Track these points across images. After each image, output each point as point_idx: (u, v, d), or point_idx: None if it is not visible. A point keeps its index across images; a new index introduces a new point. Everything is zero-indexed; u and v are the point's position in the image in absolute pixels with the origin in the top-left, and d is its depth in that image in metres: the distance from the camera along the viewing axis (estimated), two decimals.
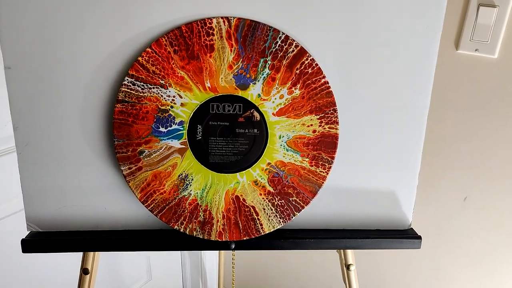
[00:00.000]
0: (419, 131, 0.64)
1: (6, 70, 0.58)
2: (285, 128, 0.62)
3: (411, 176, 0.67)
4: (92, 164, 0.62)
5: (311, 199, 0.64)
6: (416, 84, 0.62)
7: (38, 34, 0.57)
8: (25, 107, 0.60)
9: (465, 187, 1.00)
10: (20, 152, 0.62)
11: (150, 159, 0.61)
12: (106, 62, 0.59)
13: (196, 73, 0.59)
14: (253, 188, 0.63)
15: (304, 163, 0.63)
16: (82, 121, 0.61)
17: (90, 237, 0.64)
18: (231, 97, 0.60)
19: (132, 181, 0.62)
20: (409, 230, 0.69)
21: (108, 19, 0.57)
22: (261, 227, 0.65)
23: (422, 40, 0.61)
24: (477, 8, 0.87)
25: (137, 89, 0.59)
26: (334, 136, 0.62)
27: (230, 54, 0.59)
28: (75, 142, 0.62)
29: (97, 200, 0.64)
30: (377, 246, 0.67)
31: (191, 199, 0.63)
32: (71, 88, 0.60)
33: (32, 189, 0.63)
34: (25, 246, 0.63)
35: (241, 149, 0.62)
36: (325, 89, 0.61)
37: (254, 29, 0.58)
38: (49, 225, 0.64)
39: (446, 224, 1.05)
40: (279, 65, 0.60)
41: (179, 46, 0.58)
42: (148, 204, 0.63)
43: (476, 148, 0.96)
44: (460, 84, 0.93)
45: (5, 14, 0.56)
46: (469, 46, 0.90)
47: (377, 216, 0.68)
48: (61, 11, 0.57)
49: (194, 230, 0.64)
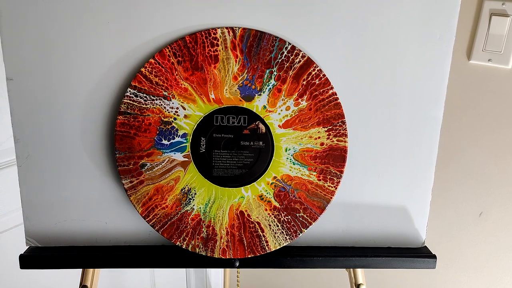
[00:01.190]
0: (432, 143, 0.62)
1: (8, 82, 0.58)
2: (292, 140, 0.60)
3: (424, 191, 0.64)
4: (93, 178, 0.61)
5: (319, 215, 0.62)
6: (428, 96, 0.60)
7: (40, 45, 0.57)
8: (27, 119, 0.59)
9: (480, 202, 0.96)
10: (21, 164, 0.60)
11: (152, 172, 0.59)
12: (108, 73, 0.58)
13: (200, 85, 0.58)
14: (258, 203, 0.61)
15: (311, 177, 0.60)
16: (83, 134, 0.59)
17: (89, 253, 0.62)
18: (235, 109, 0.59)
19: (133, 195, 0.60)
20: (422, 248, 0.65)
21: (111, 29, 0.56)
22: (267, 244, 0.62)
23: (434, 50, 0.59)
24: (489, 18, 0.85)
25: (140, 101, 0.58)
26: (343, 149, 0.60)
27: (235, 65, 0.57)
28: (75, 155, 0.60)
29: (98, 215, 0.62)
30: (388, 265, 0.64)
31: (194, 214, 0.61)
32: (72, 100, 0.58)
33: (31, 202, 0.61)
34: (24, 262, 0.62)
35: (246, 162, 0.60)
36: (333, 100, 0.59)
37: (260, 39, 0.57)
38: (48, 240, 0.63)
39: (461, 241, 1.01)
40: (285, 76, 0.58)
41: (182, 57, 0.57)
42: (149, 219, 0.61)
43: (491, 161, 0.93)
44: (473, 95, 0.91)
45: (6, 25, 0.56)
46: (481, 57, 0.87)
47: (389, 233, 0.65)
48: (63, 21, 0.56)
49: (196, 246, 0.62)
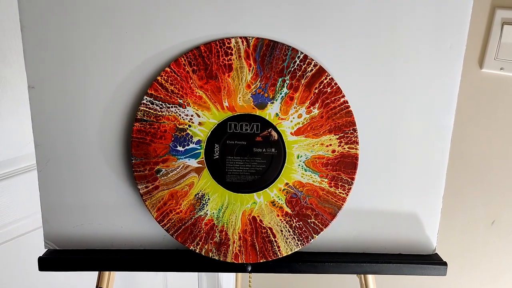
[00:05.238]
0: (443, 151, 0.62)
1: (29, 90, 0.60)
2: (304, 147, 0.61)
3: (435, 198, 0.64)
4: (110, 183, 0.63)
5: (330, 221, 0.62)
6: (439, 104, 0.61)
7: (60, 55, 0.59)
8: (47, 125, 0.61)
9: (493, 210, 0.96)
10: (41, 169, 0.62)
11: (167, 178, 0.61)
12: (125, 81, 0.60)
13: (214, 93, 0.59)
14: (271, 209, 0.62)
15: (323, 183, 0.61)
16: (101, 140, 0.61)
17: (105, 256, 0.64)
18: (248, 116, 0.60)
19: (148, 200, 0.61)
20: (433, 255, 0.66)
21: (129, 39, 0.58)
22: (278, 249, 0.63)
23: (445, 59, 0.59)
24: (501, 27, 0.85)
25: (156, 108, 0.59)
26: (354, 157, 0.61)
27: (248, 73, 0.59)
28: (93, 161, 0.62)
29: (114, 219, 0.64)
30: (399, 271, 0.64)
31: (207, 219, 0.62)
32: (91, 107, 0.60)
33: (50, 206, 0.63)
34: (42, 264, 0.63)
35: (259, 169, 0.61)
36: (344, 108, 0.60)
37: (273, 48, 0.58)
38: (66, 243, 0.64)
39: (473, 249, 1.01)
40: (297, 85, 0.59)
41: (197, 66, 0.59)
42: (164, 223, 0.62)
43: (503, 169, 0.92)
44: (485, 104, 0.91)
45: (28, 35, 0.58)
46: (494, 65, 0.87)
47: (399, 240, 0.65)
48: (83, 31, 0.58)
49: (210, 251, 0.63)
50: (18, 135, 0.93)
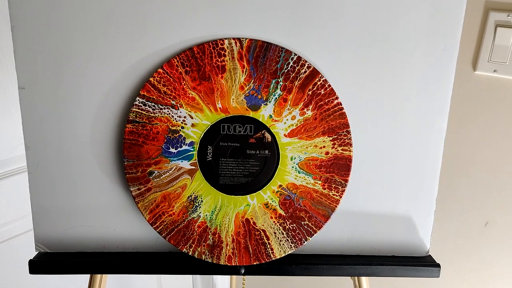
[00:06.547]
0: (436, 154, 0.62)
1: (20, 90, 0.59)
2: (297, 149, 0.60)
3: (428, 200, 0.64)
4: (102, 185, 0.62)
5: (324, 223, 0.62)
6: (432, 106, 0.61)
7: (51, 55, 0.58)
8: (37, 127, 0.60)
9: (486, 211, 0.96)
10: (31, 171, 0.62)
11: (159, 180, 0.60)
12: (117, 82, 0.59)
13: (207, 94, 0.59)
14: (264, 211, 0.62)
15: (316, 185, 0.61)
16: (93, 142, 0.61)
17: (97, 259, 0.63)
18: (242, 118, 0.60)
19: (141, 202, 0.61)
20: (427, 257, 0.66)
21: (121, 40, 0.58)
22: (272, 251, 0.63)
23: (439, 61, 0.59)
24: (494, 29, 0.85)
25: (148, 110, 0.59)
26: (348, 158, 0.61)
27: (242, 75, 0.58)
28: (85, 163, 0.61)
29: (106, 221, 0.63)
30: (392, 273, 0.64)
31: (200, 221, 0.62)
32: (82, 108, 0.60)
33: (41, 208, 0.63)
34: (33, 267, 0.63)
35: (252, 171, 0.61)
36: (338, 110, 0.60)
37: (266, 50, 0.58)
38: (57, 246, 0.64)
39: (466, 251, 1.01)
40: (291, 86, 0.59)
41: (190, 67, 0.58)
42: (156, 226, 0.62)
43: (496, 171, 0.93)
44: (479, 106, 0.91)
45: (19, 36, 0.57)
46: (487, 67, 0.88)
47: (393, 242, 0.65)
48: (74, 32, 0.57)
49: (203, 253, 0.62)
50: (9, 137, 0.92)
